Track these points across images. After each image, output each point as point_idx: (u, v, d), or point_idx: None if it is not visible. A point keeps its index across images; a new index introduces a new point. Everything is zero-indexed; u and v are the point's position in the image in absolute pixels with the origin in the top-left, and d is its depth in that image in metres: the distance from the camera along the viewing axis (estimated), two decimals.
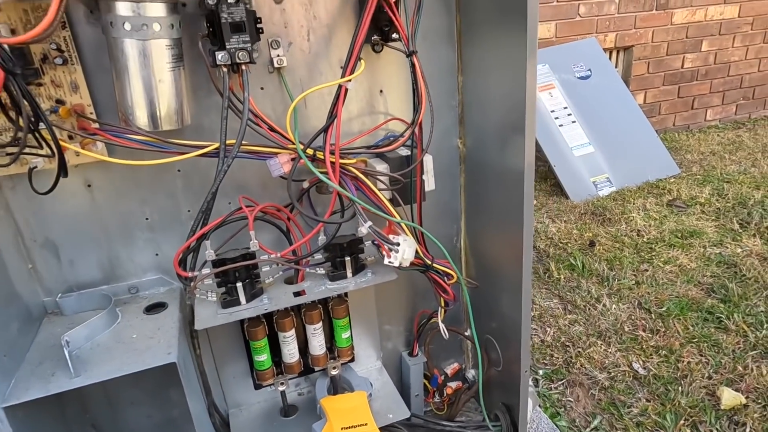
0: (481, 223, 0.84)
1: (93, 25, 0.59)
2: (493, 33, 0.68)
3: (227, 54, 0.58)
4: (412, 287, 0.89)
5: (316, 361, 0.80)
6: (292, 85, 0.69)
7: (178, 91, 0.59)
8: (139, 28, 0.54)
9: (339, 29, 0.70)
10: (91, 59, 0.60)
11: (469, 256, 0.89)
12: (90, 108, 0.61)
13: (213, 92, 0.64)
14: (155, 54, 0.56)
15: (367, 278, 0.74)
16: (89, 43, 0.60)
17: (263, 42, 0.66)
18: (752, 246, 1.90)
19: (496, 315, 0.82)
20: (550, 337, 1.46)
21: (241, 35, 0.58)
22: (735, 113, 3.71)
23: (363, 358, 0.89)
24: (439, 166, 0.80)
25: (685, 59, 3.36)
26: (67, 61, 0.58)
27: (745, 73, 3.59)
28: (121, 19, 0.53)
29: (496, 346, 0.84)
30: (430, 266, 0.72)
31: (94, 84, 0.61)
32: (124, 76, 0.56)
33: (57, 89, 0.59)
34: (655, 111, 3.41)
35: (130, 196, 0.68)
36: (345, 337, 0.80)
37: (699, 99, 3.53)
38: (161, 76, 0.57)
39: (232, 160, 0.60)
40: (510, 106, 0.67)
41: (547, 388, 1.27)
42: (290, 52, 0.68)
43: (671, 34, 3.25)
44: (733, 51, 3.47)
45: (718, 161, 2.83)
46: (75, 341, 0.62)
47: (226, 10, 0.56)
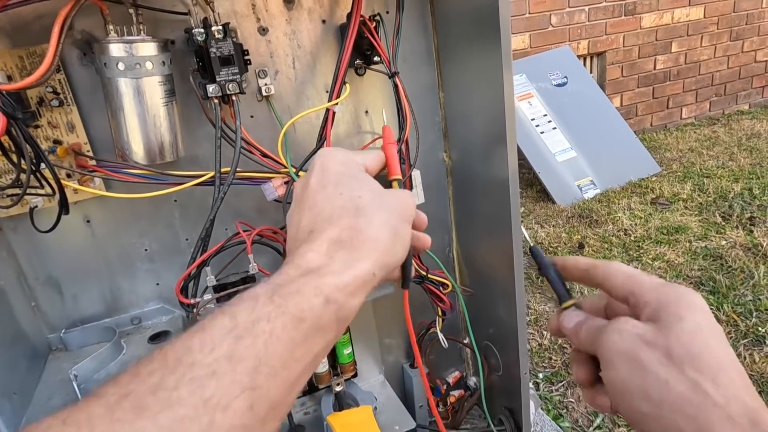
0: (472, 232, 0.86)
1: (86, 66, 0.61)
2: (469, 49, 0.72)
3: (218, 86, 0.60)
4: (408, 300, 0.91)
5: (319, 379, 0.81)
6: (281, 112, 0.71)
7: (172, 124, 0.62)
8: (132, 67, 0.56)
9: (323, 56, 0.73)
10: (85, 99, 0.63)
11: (462, 265, 0.91)
12: (87, 146, 0.63)
13: (205, 123, 0.66)
14: (149, 91, 0.58)
15: None
16: (83, 85, 0.62)
17: (251, 72, 0.69)
18: (735, 237, 1.95)
19: (493, 321, 0.85)
20: (547, 340, 1.49)
21: (230, 68, 0.60)
22: (709, 110, 3.81)
23: (365, 372, 0.90)
24: (427, 180, 0.83)
25: (657, 61, 3.46)
26: (62, 103, 0.60)
27: (715, 71, 3.70)
28: (115, 59, 0.55)
29: (495, 352, 0.86)
30: (425, 277, 0.74)
31: (90, 123, 0.63)
32: (119, 113, 0.58)
33: (54, 130, 0.61)
34: (632, 113, 3.50)
35: (129, 228, 0.70)
36: (347, 353, 0.82)
37: (673, 98, 3.63)
38: (155, 111, 0.59)
39: (228, 187, 0.62)
40: (491, 118, 0.70)
41: (548, 391, 1.28)
42: (277, 80, 0.71)
43: (641, 37, 3.35)
44: (702, 50, 3.59)
45: (696, 157, 2.90)
46: (83, 375, 0.63)
47: (215, 44, 0.59)
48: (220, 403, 0.24)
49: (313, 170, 0.39)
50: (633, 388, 0.32)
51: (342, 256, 0.33)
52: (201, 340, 0.26)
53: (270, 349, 0.27)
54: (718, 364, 0.31)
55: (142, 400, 0.23)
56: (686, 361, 0.31)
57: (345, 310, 0.32)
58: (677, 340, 0.32)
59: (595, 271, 0.38)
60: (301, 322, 0.29)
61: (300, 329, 0.29)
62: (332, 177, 0.38)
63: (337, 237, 0.34)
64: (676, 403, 0.30)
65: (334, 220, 0.36)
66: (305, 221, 0.37)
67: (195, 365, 0.25)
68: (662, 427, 0.31)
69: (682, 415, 0.30)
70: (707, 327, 0.32)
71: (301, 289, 0.30)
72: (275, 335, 0.27)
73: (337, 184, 0.38)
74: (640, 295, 0.35)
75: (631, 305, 0.35)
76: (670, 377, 0.31)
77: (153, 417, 0.22)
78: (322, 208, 0.37)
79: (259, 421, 0.25)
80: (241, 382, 0.25)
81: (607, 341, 0.34)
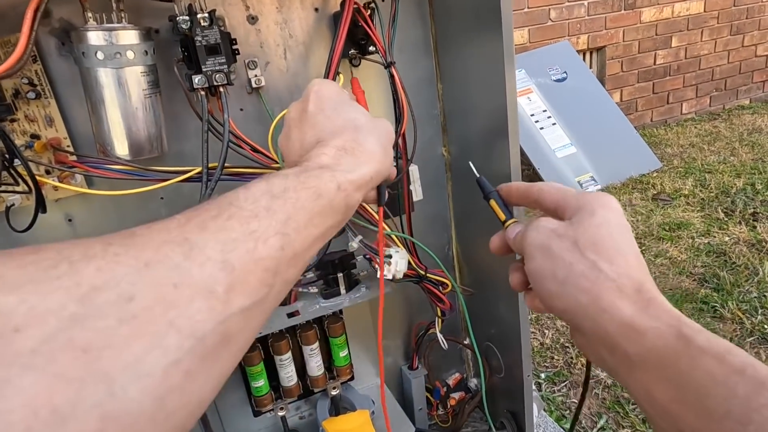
0: (472, 230, 0.83)
1: (65, 57, 0.58)
2: (469, 40, 0.69)
3: (204, 77, 0.57)
4: (406, 300, 0.88)
5: (315, 382, 0.78)
6: (272, 105, 0.68)
7: (156, 117, 0.58)
8: (113, 57, 0.53)
9: (316, 46, 0.70)
10: (65, 92, 0.59)
11: (462, 263, 0.88)
12: (66, 141, 0.60)
13: (192, 117, 0.63)
14: (130, 82, 0.55)
15: (361, 293, 0.72)
16: (62, 76, 0.59)
17: (240, 63, 0.66)
18: (739, 233, 1.92)
19: (494, 321, 0.82)
20: (548, 339, 1.46)
21: (216, 57, 0.57)
22: (709, 105, 3.79)
23: (362, 375, 0.87)
24: (425, 176, 0.80)
25: (657, 56, 3.44)
26: (40, 95, 0.57)
27: (715, 65, 3.68)
28: (94, 48, 0.52)
29: (496, 353, 0.83)
30: (424, 276, 0.72)
31: (70, 117, 0.60)
32: (99, 106, 0.55)
33: (31, 124, 0.58)
34: (632, 108, 3.48)
35: (113, 227, 0.66)
36: (343, 356, 0.79)
37: (673, 93, 3.61)
38: (138, 103, 0.56)
39: (215, 183, 0.59)
40: (492, 112, 0.67)
41: (550, 391, 1.26)
42: (268, 71, 0.68)
43: (641, 32, 3.33)
44: (702, 45, 3.57)
45: (697, 153, 2.88)
46: None
47: (200, 33, 0.56)
48: (261, 237, 0.30)
49: (309, 97, 0.46)
50: (545, 272, 0.39)
51: (348, 160, 0.40)
52: (245, 195, 0.32)
53: (296, 211, 0.33)
54: (615, 249, 0.37)
55: (204, 223, 0.29)
56: (588, 246, 0.37)
57: (351, 199, 0.39)
58: (584, 231, 0.38)
59: (530, 191, 0.45)
60: (319, 198, 0.35)
61: (318, 203, 0.35)
62: (329, 102, 0.45)
63: (343, 146, 0.41)
64: (576, 280, 0.37)
65: (338, 133, 0.43)
66: (309, 137, 0.44)
67: (242, 209, 0.31)
68: (566, 302, 0.37)
69: (581, 289, 0.36)
70: (614, 222, 0.39)
71: (320, 176, 0.37)
72: (300, 203, 0.34)
73: (334, 108, 0.45)
74: (565, 203, 0.41)
75: (559, 215, 0.41)
76: (573, 260, 0.37)
77: (213, 234, 0.28)
78: (323, 126, 0.44)
79: (285, 263, 0.31)
80: (276, 227, 0.31)
81: (527, 237, 0.41)
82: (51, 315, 0.20)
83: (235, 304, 0.27)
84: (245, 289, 0.28)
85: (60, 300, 0.21)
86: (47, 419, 0.19)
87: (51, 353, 0.20)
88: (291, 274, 0.33)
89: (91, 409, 0.20)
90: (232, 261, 0.28)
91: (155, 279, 0.24)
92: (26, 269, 0.22)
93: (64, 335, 0.20)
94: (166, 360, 0.23)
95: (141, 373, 0.22)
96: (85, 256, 0.23)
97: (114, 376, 0.21)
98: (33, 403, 0.19)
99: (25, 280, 0.21)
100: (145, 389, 0.22)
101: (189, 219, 0.29)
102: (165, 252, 0.26)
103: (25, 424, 0.18)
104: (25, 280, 0.21)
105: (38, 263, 0.22)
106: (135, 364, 0.22)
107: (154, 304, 0.23)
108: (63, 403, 0.19)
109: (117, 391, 0.21)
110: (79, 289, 0.22)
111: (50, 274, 0.22)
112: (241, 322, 0.28)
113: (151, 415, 0.22)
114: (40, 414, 0.19)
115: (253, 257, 0.29)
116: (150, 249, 0.25)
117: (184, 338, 0.24)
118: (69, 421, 0.19)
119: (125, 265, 0.24)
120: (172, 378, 0.23)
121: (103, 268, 0.23)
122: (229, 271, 0.27)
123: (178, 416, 0.24)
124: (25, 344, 0.19)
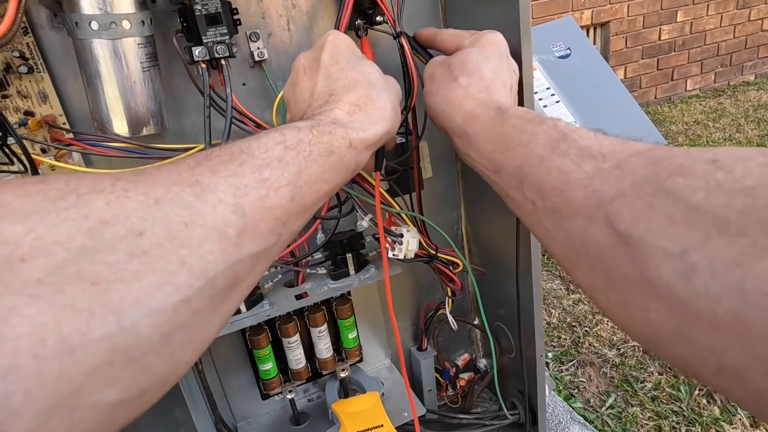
0: (481, 208, 0.81)
1: (58, 29, 0.55)
2: (482, 10, 0.66)
3: (205, 49, 0.55)
4: (415, 281, 0.86)
5: (323, 364, 0.77)
6: (276, 78, 0.65)
7: (155, 92, 0.56)
8: (108, 27, 0.50)
9: (320, 16, 0.66)
10: (59, 66, 0.56)
11: (471, 243, 0.86)
12: (62, 118, 0.57)
13: (190, 92, 0.61)
14: (127, 54, 0.52)
15: (370, 274, 0.71)
16: (55, 50, 0.56)
17: (241, 36, 0.63)
18: None
19: (504, 301, 0.80)
20: (555, 318, 1.45)
21: (217, 28, 0.54)
22: (714, 81, 3.74)
23: (371, 357, 0.86)
24: (434, 153, 0.78)
25: (662, 31, 3.37)
26: (32, 69, 0.54)
27: (721, 40, 3.61)
28: (87, 18, 0.49)
29: (507, 333, 0.82)
30: (434, 256, 0.69)
31: (65, 92, 0.57)
32: (95, 80, 0.53)
33: (25, 100, 0.55)
34: (636, 85, 3.43)
35: None
36: (351, 338, 0.77)
37: (678, 70, 3.55)
38: (136, 77, 0.53)
39: None
40: None
41: (558, 371, 1.25)
42: (271, 43, 0.65)
43: (646, 6, 3.26)
44: (708, 19, 3.50)
45: (702, 130, 2.84)
46: None
47: (200, 1, 0.53)
48: (273, 185, 0.30)
49: (323, 47, 0.46)
50: (430, 93, 0.51)
51: (360, 117, 0.41)
52: (258, 144, 0.32)
53: (308, 164, 0.33)
54: (476, 68, 0.48)
55: (215, 167, 0.28)
56: (457, 67, 0.49)
57: (360, 158, 0.39)
58: (458, 57, 0.50)
59: (435, 36, 0.57)
60: (331, 154, 0.35)
61: (329, 159, 0.35)
62: (344, 54, 0.45)
63: (356, 101, 0.42)
64: (443, 92, 0.48)
65: (351, 88, 0.43)
66: (320, 87, 0.44)
67: (254, 157, 0.30)
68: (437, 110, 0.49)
69: (443, 98, 0.48)
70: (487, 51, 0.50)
71: (333, 132, 0.37)
72: (312, 156, 0.34)
73: (348, 60, 0.45)
74: (461, 42, 0.52)
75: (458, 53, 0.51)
76: (444, 78, 0.49)
77: (224, 179, 0.28)
78: (337, 78, 0.44)
79: (294, 214, 0.31)
80: (288, 178, 0.31)
81: (424, 71, 0.54)
82: (58, 246, 0.20)
83: (245, 248, 0.27)
84: (256, 234, 0.28)
85: (68, 232, 0.20)
86: (55, 347, 0.18)
87: (58, 284, 0.19)
88: (297, 226, 0.33)
89: (100, 341, 0.20)
90: (244, 206, 0.28)
91: (166, 216, 0.24)
92: (33, 198, 0.21)
93: (72, 267, 0.20)
94: (177, 297, 0.23)
95: (151, 309, 0.22)
96: (93, 190, 0.22)
97: (124, 310, 0.21)
98: (40, 332, 0.18)
99: (32, 210, 0.20)
100: (154, 325, 0.22)
101: (199, 163, 0.28)
102: (176, 191, 0.25)
103: (32, 351, 0.18)
104: (32, 210, 0.20)
105: (45, 193, 0.21)
106: (145, 299, 0.21)
107: (165, 241, 0.23)
108: (72, 333, 0.19)
109: (126, 325, 0.21)
110: (87, 222, 0.21)
111: (58, 206, 0.21)
112: (249, 267, 0.28)
113: (158, 350, 0.22)
114: (48, 342, 0.18)
115: (264, 204, 0.29)
116: (160, 187, 0.25)
117: (195, 278, 0.24)
118: (78, 350, 0.19)
119: (135, 201, 0.23)
120: (180, 316, 0.23)
121: (112, 202, 0.23)
122: (240, 215, 0.27)
123: (182, 352, 0.24)
124: (31, 274, 0.19)
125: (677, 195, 0.25)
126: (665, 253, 0.24)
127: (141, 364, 0.21)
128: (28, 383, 0.18)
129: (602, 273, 0.29)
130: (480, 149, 0.43)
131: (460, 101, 0.46)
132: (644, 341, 0.28)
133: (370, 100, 0.42)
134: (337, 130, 0.37)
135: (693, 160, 0.26)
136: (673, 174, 0.26)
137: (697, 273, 0.23)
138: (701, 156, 0.26)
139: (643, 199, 0.27)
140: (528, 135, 0.38)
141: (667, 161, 0.27)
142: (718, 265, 0.22)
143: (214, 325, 0.26)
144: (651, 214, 0.26)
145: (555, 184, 0.34)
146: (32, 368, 0.18)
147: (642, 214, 0.26)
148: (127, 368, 0.21)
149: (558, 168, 0.34)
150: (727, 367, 0.22)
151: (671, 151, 0.28)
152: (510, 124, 0.41)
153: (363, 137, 0.39)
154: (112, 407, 0.20)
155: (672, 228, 0.24)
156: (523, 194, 0.37)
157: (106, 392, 0.20)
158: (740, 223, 0.22)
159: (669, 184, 0.26)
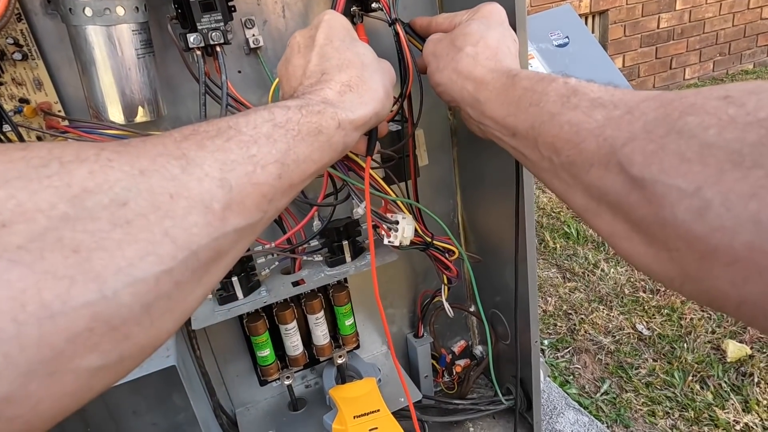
0: (478, 196, 0.82)
1: (52, 16, 0.55)
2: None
3: (200, 35, 0.54)
4: (411, 268, 0.87)
5: (320, 351, 0.78)
6: (271, 66, 0.65)
7: (150, 79, 0.56)
8: (102, 13, 0.50)
9: (315, 3, 0.66)
10: (53, 53, 0.56)
11: (467, 230, 0.87)
12: (57, 105, 0.57)
13: (185, 80, 0.61)
14: (122, 40, 0.52)
15: (366, 261, 0.71)
16: (50, 37, 0.56)
17: (237, 23, 0.62)
18: None
19: (500, 288, 0.81)
20: (551, 306, 1.46)
21: (212, 14, 0.54)
22: (713, 70, 3.73)
23: (368, 344, 0.87)
24: (430, 140, 0.78)
25: (661, 19, 3.36)
26: (27, 57, 0.54)
27: (720, 29, 3.60)
28: (81, 4, 0.49)
29: (502, 320, 0.83)
30: (430, 243, 0.70)
31: (60, 79, 0.57)
32: (90, 67, 0.52)
33: (19, 87, 0.55)
34: (634, 74, 3.42)
35: None
36: (348, 324, 0.78)
37: (676, 58, 3.54)
38: (131, 64, 0.53)
39: None
40: None
41: (553, 358, 1.26)
42: (266, 30, 0.65)
43: None
44: (707, 7, 3.48)
45: None
46: None
47: None
48: (260, 162, 0.30)
49: (319, 26, 0.46)
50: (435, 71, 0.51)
51: (351, 98, 0.41)
52: (245, 120, 0.31)
53: (296, 143, 0.33)
54: (480, 36, 0.48)
55: (202, 142, 0.28)
56: (459, 38, 0.49)
57: (349, 138, 0.39)
58: (459, 30, 0.50)
59: (430, 22, 0.57)
60: (319, 134, 0.35)
61: (317, 139, 0.35)
62: (339, 34, 0.45)
63: (347, 82, 0.41)
64: (448, 64, 0.49)
65: (344, 68, 0.42)
66: (313, 66, 0.43)
67: (242, 133, 0.30)
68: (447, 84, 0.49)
69: (453, 70, 0.48)
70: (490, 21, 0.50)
71: (322, 111, 0.37)
72: (301, 135, 0.34)
73: (343, 40, 0.45)
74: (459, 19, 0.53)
75: None
76: (448, 51, 0.50)
77: (211, 153, 0.27)
78: (331, 57, 0.43)
79: (280, 191, 0.31)
80: (276, 155, 0.31)
81: (423, 50, 0.55)
82: (40, 213, 0.20)
83: (230, 223, 0.27)
84: (241, 210, 0.28)
85: (50, 199, 0.20)
86: (36, 312, 0.18)
87: (39, 251, 0.19)
88: (283, 203, 0.33)
89: (81, 307, 0.20)
90: (230, 180, 0.28)
91: (151, 187, 0.24)
92: (15, 164, 0.21)
93: (53, 234, 0.20)
94: (159, 268, 0.23)
95: (133, 278, 0.22)
96: (77, 158, 0.22)
97: (106, 278, 0.21)
98: (21, 296, 0.18)
99: (13, 176, 0.20)
100: (136, 294, 0.22)
101: (186, 137, 0.28)
102: (161, 163, 0.25)
103: (12, 315, 0.18)
104: (13, 176, 0.20)
105: (28, 160, 0.21)
106: (127, 269, 0.21)
107: (148, 211, 0.23)
108: (52, 299, 0.19)
109: (108, 293, 0.21)
110: (69, 190, 0.21)
111: (40, 173, 0.21)
112: (233, 241, 0.28)
113: (138, 319, 0.22)
114: (28, 307, 0.18)
115: (251, 180, 0.29)
116: (145, 158, 0.25)
117: (179, 249, 0.24)
118: (58, 316, 0.19)
119: (119, 171, 0.23)
120: (162, 286, 0.23)
121: (96, 171, 0.22)
122: (227, 190, 0.27)
123: (163, 322, 0.24)
124: (11, 240, 0.19)
125: (689, 133, 0.25)
126: (679, 192, 0.24)
127: (121, 331, 0.21)
128: (7, 346, 0.18)
129: (622, 218, 0.29)
130: (494, 115, 0.43)
131: (470, 70, 0.46)
132: (670, 282, 0.28)
133: (362, 81, 0.42)
134: (326, 109, 0.37)
135: (704, 98, 0.26)
136: (684, 113, 0.26)
137: (712, 208, 0.22)
138: (712, 93, 0.26)
139: (654, 141, 0.27)
140: (539, 94, 0.38)
141: (678, 102, 0.27)
142: (733, 199, 0.22)
143: (196, 296, 0.27)
144: (663, 155, 0.26)
145: (568, 138, 0.34)
146: (12, 332, 0.18)
147: (654, 155, 0.26)
148: (107, 335, 0.21)
149: (569, 121, 0.34)
150: (749, 299, 0.22)
151: (682, 93, 0.28)
152: (521, 86, 0.41)
153: (352, 118, 0.39)
154: (92, 373, 0.21)
155: (685, 166, 0.24)
156: (540, 153, 0.37)
157: (86, 358, 0.20)
158: (754, 156, 0.21)
159: (680, 123, 0.26)
